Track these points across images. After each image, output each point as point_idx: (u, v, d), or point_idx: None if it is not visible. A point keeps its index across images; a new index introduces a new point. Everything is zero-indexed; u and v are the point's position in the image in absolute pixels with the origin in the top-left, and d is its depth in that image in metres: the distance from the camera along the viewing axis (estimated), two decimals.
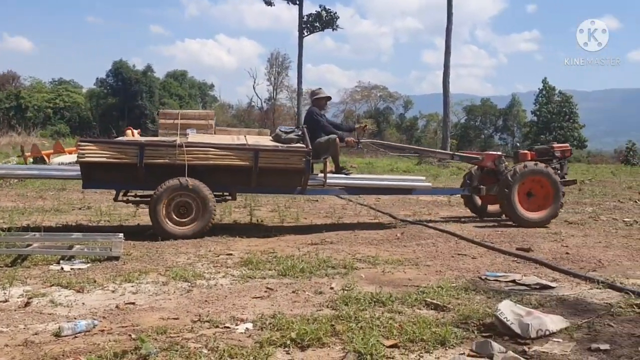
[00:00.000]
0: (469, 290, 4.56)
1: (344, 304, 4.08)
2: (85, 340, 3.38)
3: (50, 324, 3.68)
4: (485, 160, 8.77)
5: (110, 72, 49.36)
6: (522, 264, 5.68)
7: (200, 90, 56.38)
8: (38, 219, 8.02)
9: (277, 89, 53.74)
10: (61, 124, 46.84)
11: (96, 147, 6.89)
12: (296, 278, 4.95)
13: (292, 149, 7.33)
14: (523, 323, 3.52)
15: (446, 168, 20.67)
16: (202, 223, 6.90)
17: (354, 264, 5.49)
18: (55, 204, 9.86)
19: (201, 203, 6.89)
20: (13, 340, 3.37)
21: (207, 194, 6.91)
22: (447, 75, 29.88)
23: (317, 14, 40.32)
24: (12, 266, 5.25)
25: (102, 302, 4.17)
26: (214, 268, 5.36)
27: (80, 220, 8.27)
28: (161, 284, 4.71)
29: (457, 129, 49.75)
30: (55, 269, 5.17)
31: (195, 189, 6.86)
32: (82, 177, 7.00)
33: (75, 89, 52.34)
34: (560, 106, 43.76)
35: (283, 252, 6.08)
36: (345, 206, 10.49)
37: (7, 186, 12.31)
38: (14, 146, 26.33)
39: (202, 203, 6.89)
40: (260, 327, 3.65)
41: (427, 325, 3.61)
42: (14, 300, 4.18)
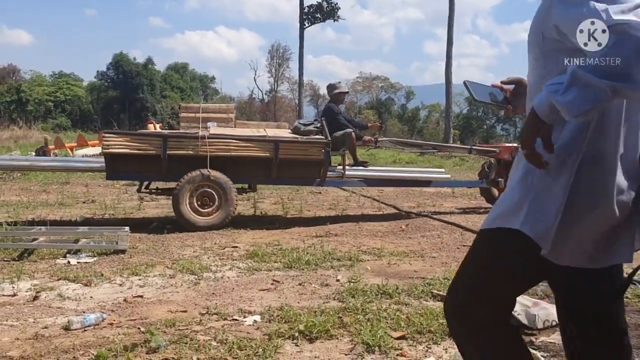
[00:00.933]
0: None
1: (351, 296, 4.10)
2: (94, 333, 3.40)
3: (59, 317, 3.70)
4: (503, 153, 8.80)
5: (110, 65, 49.34)
6: None
7: (201, 82, 56.36)
8: (43, 213, 8.06)
9: (278, 80, 53.71)
10: (62, 117, 46.88)
11: (120, 139, 7.04)
12: (302, 270, 4.97)
13: (312, 140, 7.42)
14: (530, 314, 3.54)
15: (449, 159, 20.64)
16: (224, 213, 6.99)
17: (359, 256, 5.50)
18: (59, 198, 9.88)
19: (223, 194, 6.96)
20: (23, 333, 3.39)
21: (228, 185, 7.00)
22: (449, 66, 29.84)
23: (318, 5, 40.20)
24: (19, 260, 5.27)
25: (110, 296, 4.19)
26: (220, 260, 5.38)
27: (85, 213, 8.29)
28: (168, 277, 4.73)
29: (459, 120, 49.65)
30: (62, 263, 5.19)
31: (217, 180, 6.93)
32: (106, 169, 7.13)
33: (75, 82, 52.33)
34: None
35: (288, 244, 6.10)
36: (348, 198, 10.50)
37: (11, 180, 12.33)
38: (16, 140, 26.39)
39: (224, 194, 6.96)
40: (268, 319, 3.67)
41: (435, 316, 3.62)
42: (23, 294, 4.20)
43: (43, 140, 20.36)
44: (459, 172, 15.70)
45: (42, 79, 52.78)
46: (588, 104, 1.36)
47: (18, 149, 20.16)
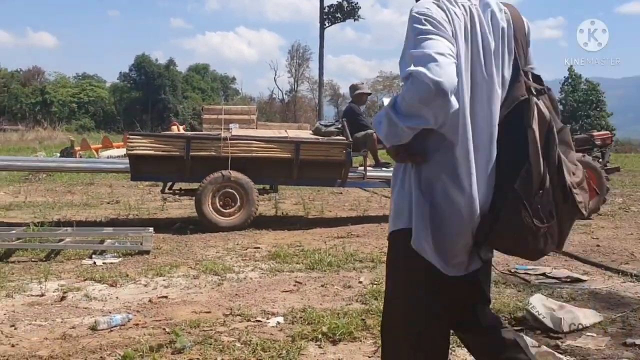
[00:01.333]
0: (499, 284, 4.53)
1: (374, 298, 4.09)
2: (121, 334, 3.45)
3: (86, 317, 3.76)
4: None
5: (133, 66, 49.95)
6: (552, 256, 5.61)
7: (222, 83, 56.76)
8: (68, 214, 8.19)
9: (298, 80, 53.78)
10: (86, 118, 47.60)
11: (145, 140, 7.14)
12: (324, 272, 4.98)
13: (333, 141, 7.43)
14: (555, 317, 3.50)
15: None
16: (246, 214, 7.06)
17: (382, 257, 5.48)
18: (84, 199, 10.04)
19: (244, 194, 7.03)
20: (52, 333, 3.46)
21: (249, 185, 7.07)
22: None
23: (338, 5, 40.19)
24: (46, 261, 5.37)
25: (136, 296, 4.25)
26: (243, 261, 5.42)
27: (109, 214, 8.41)
28: (192, 278, 4.78)
29: None
30: (88, 264, 5.27)
31: (238, 181, 7.00)
32: (131, 170, 7.24)
33: (99, 84, 53.09)
34: (587, 94, 42.96)
35: (310, 245, 6.11)
36: (370, 198, 10.48)
37: (36, 181, 12.54)
38: (40, 141, 26.84)
39: (245, 194, 7.03)
40: (291, 320, 3.68)
41: None
42: (50, 294, 4.28)
43: (67, 141, 20.72)
44: None
45: (66, 80, 53.65)
46: (396, 139, 1.62)
47: (43, 150, 20.50)
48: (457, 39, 1.64)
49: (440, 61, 1.51)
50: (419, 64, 1.52)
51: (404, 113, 1.56)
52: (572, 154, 1.77)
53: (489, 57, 1.71)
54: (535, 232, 1.65)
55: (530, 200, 1.64)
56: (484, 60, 1.70)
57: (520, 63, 1.75)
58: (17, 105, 46.91)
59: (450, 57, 1.55)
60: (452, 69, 1.53)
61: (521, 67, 1.75)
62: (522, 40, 1.78)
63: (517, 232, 1.66)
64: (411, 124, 1.56)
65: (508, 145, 1.70)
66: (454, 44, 1.61)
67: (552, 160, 1.68)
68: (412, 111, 1.55)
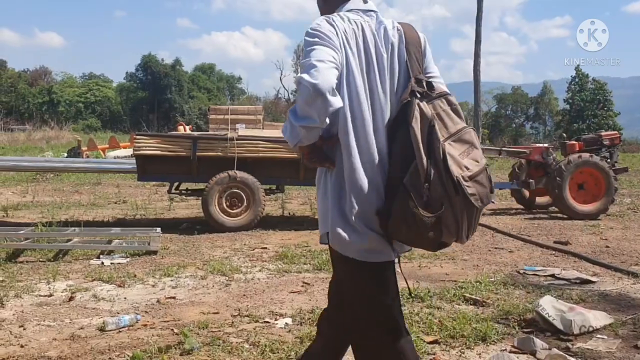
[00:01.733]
0: (507, 285, 4.51)
1: None
2: (129, 335, 3.45)
3: (95, 318, 3.76)
4: (533, 154, 8.69)
5: (139, 66, 50.03)
6: (561, 257, 5.60)
7: (228, 83, 56.78)
8: (76, 214, 8.21)
9: None
10: (92, 118, 47.73)
11: (152, 141, 7.15)
12: (331, 272, 4.94)
13: None
14: (566, 319, 3.47)
15: None
16: (253, 214, 7.07)
17: None
18: (91, 198, 10.07)
19: (251, 195, 7.05)
20: (60, 334, 3.46)
21: (256, 186, 7.07)
22: (477, 64, 29.51)
23: None
24: (54, 261, 5.38)
25: (144, 297, 4.25)
26: (250, 262, 5.41)
27: (116, 214, 8.43)
28: (199, 278, 4.77)
29: (488, 118, 49.05)
30: (96, 264, 5.28)
31: (244, 181, 7.00)
32: (138, 170, 7.25)
33: (105, 83, 53.24)
34: (594, 94, 42.73)
35: (317, 245, 6.08)
36: None
37: (44, 180, 12.59)
38: (48, 140, 26.93)
39: (252, 195, 7.05)
40: (299, 322, 3.67)
41: (467, 320, 3.59)
42: (59, 295, 4.28)
43: (74, 140, 20.79)
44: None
45: (72, 80, 53.83)
46: (296, 138, 1.80)
47: (50, 150, 20.57)
48: (347, 50, 1.88)
49: (318, 66, 1.74)
50: (303, 72, 1.76)
51: (298, 115, 1.77)
52: (475, 152, 1.90)
53: (382, 67, 1.94)
54: (426, 222, 1.78)
55: (417, 192, 1.79)
56: (377, 69, 1.94)
57: (412, 71, 1.97)
58: (24, 105, 47.11)
59: (329, 63, 1.77)
60: (330, 73, 1.75)
61: (412, 75, 1.96)
62: (415, 53, 2.01)
63: (409, 223, 1.80)
64: (303, 123, 1.76)
65: (397, 142, 1.90)
66: (338, 52, 1.84)
67: (436, 155, 1.82)
68: (303, 112, 1.75)
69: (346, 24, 1.93)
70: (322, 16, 1.97)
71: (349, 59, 1.88)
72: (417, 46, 2.03)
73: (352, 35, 1.92)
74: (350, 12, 2.00)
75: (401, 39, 2.00)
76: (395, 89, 1.96)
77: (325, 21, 1.91)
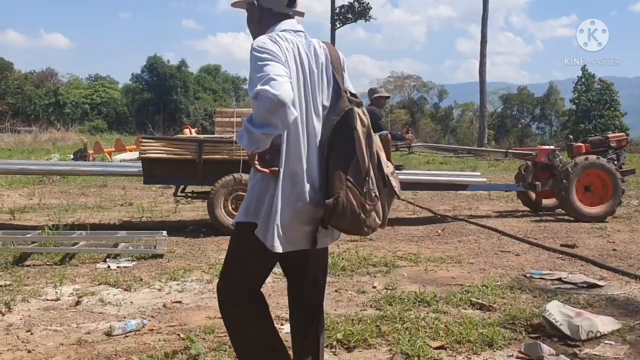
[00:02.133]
0: (514, 289, 4.50)
1: (388, 303, 4.07)
2: (136, 339, 3.46)
3: (101, 323, 3.77)
4: (539, 156, 8.66)
5: (145, 67, 50.23)
6: (567, 261, 5.57)
7: (233, 84, 56.89)
8: (82, 216, 8.23)
9: None
10: (98, 119, 47.95)
11: (157, 144, 7.16)
12: (337, 277, 4.96)
13: None
14: (573, 324, 3.46)
15: (484, 160, 20.33)
16: None
17: (395, 261, 5.46)
18: (97, 201, 10.10)
19: None
20: (67, 339, 3.47)
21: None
22: (483, 64, 29.47)
23: (349, 5, 40.07)
24: (61, 264, 5.40)
25: (150, 301, 4.25)
26: None
27: (122, 216, 8.45)
28: (205, 282, 4.78)
29: (494, 119, 48.97)
30: (102, 267, 5.29)
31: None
32: (144, 173, 7.26)
33: (111, 85, 53.46)
34: (601, 94, 42.57)
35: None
36: None
37: (50, 183, 12.63)
38: (54, 142, 27.05)
39: None
40: None
41: (474, 325, 3.58)
42: (65, 299, 4.30)
43: (80, 142, 20.87)
44: (494, 173, 15.46)
45: (78, 82, 54.10)
46: (255, 145, 2.04)
47: (56, 151, 20.66)
48: (289, 65, 2.13)
49: (278, 80, 1.97)
50: (263, 84, 1.96)
51: (259, 123, 1.98)
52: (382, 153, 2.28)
53: (314, 81, 2.22)
54: (368, 210, 2.15)
55: (360, 185, 2.13)
56: (310, 82, 2.21)
57: (340, 84, 2.27)
58: (30, 107, 47.36)
59: (285, 77, 2.02)
60: (288, 86, 1.99)
61: (341, 87, 2.27)
62: (338, 69, 2.31)
63: (353, 211, 2.12)
64: (265, 131, 1.99)
65: (341, 144, 2.17)
66: (287, 68, 2.10)
67: (373, 154, 2.19)
68: (264, 121, 1.97)
69: (285, 42, 2.18)
70: (265, 35, 2.20)
71: (291, 73, 2.13)
72: (338, 63, 2.34)
73: (291, 53, 2.18)
74: (284, 32, 2.24)
75: (327, 57, 2.30)
76: (325, 102, 2.25)
77: (270, 40, 2.15)
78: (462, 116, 54.13)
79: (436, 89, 55.47)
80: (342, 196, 2.10)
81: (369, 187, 2.14)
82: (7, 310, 3.99)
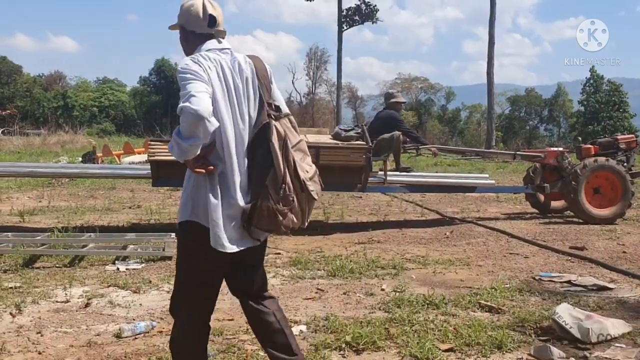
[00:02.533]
0: (523, 292, 4.48)
1: (397, 306, 4.07)
2: (145, 341, 3.48)
3: (111, 324, 3.79)
4: (548, 158, 8.61)
5: (152, 70, 50.45)
6: (577, 263, 5.55)
7: None
8: (91, 219, 8.27)
9: (316, 83, 53.85)
10: (106, 122, 48.13)
11: (166, 147, 7.17)
12: (346, 279, 4.96)
13: (353, 146, 7.39)
14: (583, 327, 3.44)
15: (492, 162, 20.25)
16: None
17: (404, 264, 5.46)
18: (106, 203, 10.14)
19: None
20: (77, 340, 3.49)
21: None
22: (491, 66, 29.40)
23: (356, 8, 40.13)
24: (70, 266, 5.43)
25: (159, 303, 4.27)
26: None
27: (131, 219, 8.48)
28: None
29: (502, 120, 48.82)
30: (111, 270, 5.32)
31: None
32: (152, 176, 7.28)
33: (119, 88, 53.67)
34: (609, 95, 42.32)
35: (330, 251, 6.09)
36: (390, 203, 10.43)
37: (59, 185, 12.69)
38: (62, 144, 27.16)
39: None
40: (314, 329, 3.67)
41: (483, 328, 3.57)
42: (75, 301, 4.32)
43: (89, 145, 20.95)
44: (502, 175, 15.39)
45: (87, 84, 54.35)
46: (184, 155, 2.29)
47: (65, 154, 20.75)
48: (212, 83, 2.35)
49: (197, 96, 2.20)
50: (185, 101, 2.20)
51: (185, 136, 2.23)
52: (307, 159, 2.54)
53: (239, 94, 2.44)
54: (282, 213, 2.39)
55: (276, 191, 2.37)
56: (235, 97, 2.43)
57: (264, 97, 2.49)
58: (39, 110, 47.65)
59: (204, 93, 2.24)
60: (207, 101, 2.22)
61: (265, 100, 2.48)
62: (265, 82, 2.52)
63: (270, 214, 2.37)
64: (190, 143, 2.24)
65: (260, 153, 2.42)
66: (208, 85, 2.31)
67: (289, 163, 2.41)
68: (189, 133, 2.22)
69: (208, 62, 2.40)
70: (188, 57, 2.42)
71: (215, 91, 2.36)
72: (265, 76, 2.55)
73: (214, 71, 2.39)
74: (209, 51, 2.47)
75: (253, 71, 2.51)
76: (252, 113, 2.47)
77: (192, 61, 2.37)
78: (470, 118, 54.00)
79: (443, 91, 55.38)
80: (261, 200, 2.36)
81: (285, 193, 2.38)
82: (18, 312, 4.02)
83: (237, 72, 2.47)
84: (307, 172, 2.48)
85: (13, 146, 25.83)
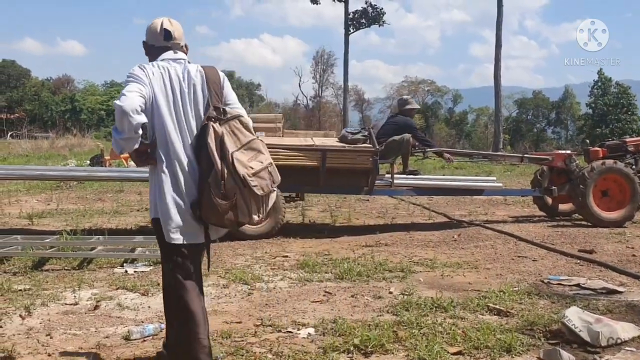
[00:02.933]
0: (532, 295, 4.46)
1: (405, 309, 4.06)
2: (153, 344, 3.48)
3: (120, 327, 3.80)
4: (556, 161, 8.58)
5: None
6: (586, 266, 5.52)
7: (247, 90, 57.17)
8: (99, 222, 8.31)
9: (322, 86, 53.89)
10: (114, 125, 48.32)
11: None
12: (354, 282, 4.95)
13: (359, 149, 7.38)
14: (593, 331, 3.42)
15: (499, 165, 20.21)
16: (273, 222, 7.07)
17: (412, 267, 5.45)
18: (114, 206, 10.19)
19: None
20: (86, 343, 3.50)
21: (276, 194, 7.05)
22: (498, 69, 29.33)
23: (363, 10, 40.18)
24: (79, 269, 5.45)
25: None
26: (272, 270, 5.42)
27: (139, 221, 8.51)
28: (222, 287, 4.80)
29: (509, 123, 48.66)
30: (120, 272, 5.33)
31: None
32: None
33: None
34: (618, 97, 42.08)
35: (338, 254, 6.09)
36: (397, 206, 10.42)
37: (67, 188, 12.77)
38: (70, 148, 27.32)
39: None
40: (322, 332, 3.67)
41: (491, 331, 3.56)
42: (84, 303, 4.34)
43: (97, 148, 21.06)
44: (510, 177, 15.35)
45: (94, 88, 54.66)
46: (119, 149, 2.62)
47: (73, 157, 20.87)
48: (154, 86, 2.67)
49: (126, 95, 2.53)
50: (117, 99, 2.53)
51: (117, 130, 2.54)
52: (261, 156, 2.78)
53: (184, 98, 2.74)
54: (224, 207, 2.61)
55: (217, 187, 2.60)
56: (181, 100, 2.73)
57: (212, 102, 2.76)
58: (47, 113, 47.95)
59: (134, 93, 2.56)
60: (134, 98, 2.53)
61: (211, 104, 2.75)
62: (215, 88, 2.80)
63: (213, 209, 2.61)
64: (121, 137, 2.54)
65: (203, 153, 2.67)
66: (145, 87, 2.62)
67: (226, 160, 2.62)
68: (119, 127, 2.52)
69: (155, 68, 2.72)
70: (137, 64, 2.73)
71: (157, 93, 2.67)
72: (216, 83, 2.82)
73: (159, 77, 2.70)
74: (163, 61, 2.80)
75: (203, 78, 2.79)
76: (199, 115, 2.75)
77: (138, 67, 2.70)
78: (477, 121, 53.88)
79: (450, 94, 55.30)
80: (204, 196, 2.62)
81: (225, 188, 2.60)
82: (27, 314, 4.04)
83: (184, 79, 2.76)
84: (252, 168, 2.69)
85: (21, 149, 26.02)
